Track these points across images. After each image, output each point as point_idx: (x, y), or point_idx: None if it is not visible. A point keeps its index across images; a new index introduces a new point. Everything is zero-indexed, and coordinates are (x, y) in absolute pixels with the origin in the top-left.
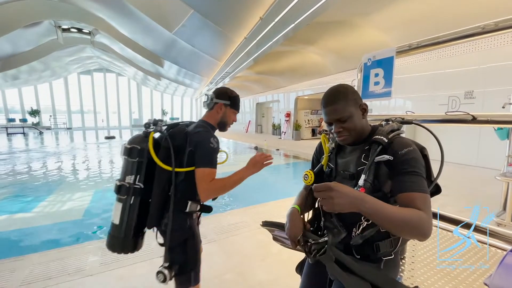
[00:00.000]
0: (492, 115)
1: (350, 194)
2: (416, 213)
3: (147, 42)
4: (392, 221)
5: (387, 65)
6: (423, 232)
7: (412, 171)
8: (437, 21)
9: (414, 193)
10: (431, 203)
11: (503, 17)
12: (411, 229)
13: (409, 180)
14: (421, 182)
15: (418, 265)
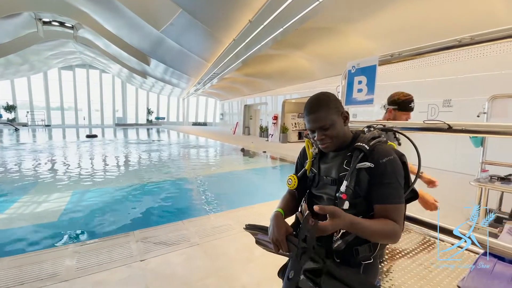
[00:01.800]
0: (467, 124)
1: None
2: (389, 225)
3: (133, 39)
4: (372, 235)
5: (370, 73)
6: (395, 240)
7: (389, 182)
8: (421, 31)
9: (389, 205)
10: (404, 210)
11: (479, 32)
12: (386, 238)
13: (386, 192)
14: (396, 193)
15: (396, 268)
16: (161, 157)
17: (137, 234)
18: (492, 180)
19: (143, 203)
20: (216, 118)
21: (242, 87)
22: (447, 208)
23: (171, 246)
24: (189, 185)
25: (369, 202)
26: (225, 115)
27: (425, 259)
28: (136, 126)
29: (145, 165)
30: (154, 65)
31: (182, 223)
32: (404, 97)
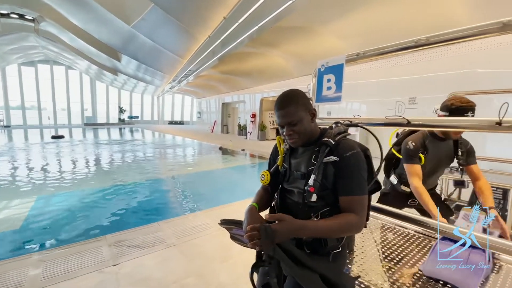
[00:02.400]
0: (424, 119)
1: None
2: (346, 219)
3: (102, 34)
4: (329, 233)
5: (337, 72)
6: (356, 231)
7: (352, 175)
8: (389, 32)
9: (352, 196)
10: (367, 201)
11: (433, 33)
12: (345, 232)
13: (349, 184)
14: (359, 185)
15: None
16: (135, 157)
17: (109, 238)
18: (452, 170)
19: (116, 206)
20: (193, 116)
21: (220, 85)
22: None
23: (146, 248)
24: (165, 185)
25: (336, 194)
26: (203, 113)
27: (391, 245)
28: (107, 125)
29: (117, 167)
30: (126, 61)
31: (157, 224)
32: (461, 103)
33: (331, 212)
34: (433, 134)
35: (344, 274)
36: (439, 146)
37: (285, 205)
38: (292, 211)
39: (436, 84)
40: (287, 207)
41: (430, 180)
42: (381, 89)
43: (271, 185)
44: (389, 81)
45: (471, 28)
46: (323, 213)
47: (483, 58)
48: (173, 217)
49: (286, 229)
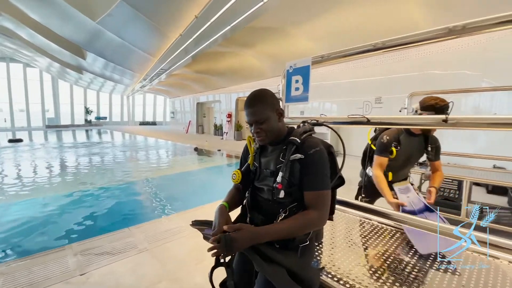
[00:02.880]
0: (382, 118)
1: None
2: (306, 217)
3: (65, 30)
4: (290, 234)
5: (304, 73)
6: (318, 226)
7: (316, 171)
8: (357, 34)
9: (315, 191)
10: (329, 196)
11: (389, 38)
12: (305, 229)
13: (312, 180)
14: (321, 181)
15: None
16: (104, 161)
17: (76, 246)
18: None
19: (83, 213)
20: (167, 116)
21: (194, 84)
22: None
23: (117, 255)
24: (137, 189)
25: (301, 189)
26: (177, 113)
27: (357, 236)
28: (72, 127)
29: (84, 171)
30: (92, 59)
31: (128, 229)
32: (443, 102)
33: (298, 207)
34: (407, 130)
35: (310, 267)
36: (412, 141)
37: (255, 203)
38: (262, 208)
39: (399, 85)
40: (257, 205)
41: (401, 172)
42: (350, 89)
43: (242, 183)
44: (357, 82)
45: (421, 33)
46: (291, 209)
47: (440, 60)
48: (145, 221)
49: (245, 237)
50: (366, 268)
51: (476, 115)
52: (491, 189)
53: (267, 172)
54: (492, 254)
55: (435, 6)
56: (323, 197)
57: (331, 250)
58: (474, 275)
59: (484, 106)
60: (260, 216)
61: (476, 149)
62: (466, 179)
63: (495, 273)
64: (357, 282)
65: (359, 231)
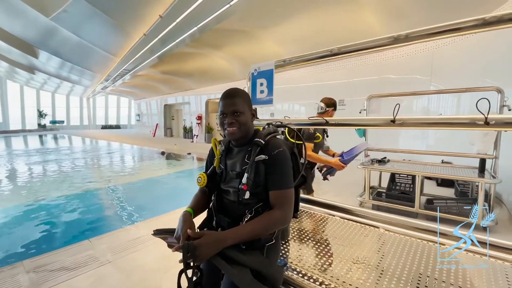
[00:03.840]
0: (339, 119)
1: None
2: (269, 218)
3: (14, 27)
4: (254, 235)
5: (268, 76)
6: (283, 225)
7: (279, 171)
8: (320, 39)
9: (278, 190)
10: (293, 194)
11: (347, 43)
12: (270, 229)
13: (276, 180)
14: (284, 180)
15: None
16: (60, 169)
17: (28, 263)
18: (373, 162)
19: (36, 227)
20: (132, 119)
21: (161, 86)
22: (343, 188)
23: (75, 270)
24: (98, 198)
25: (267, 189)
26: (142, 116)
27: (323, 232)
28: (23, 133)
29: (38, 181)
30: (46, 58)
31: (89, 241)
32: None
33: (264, 207)
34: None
35: (273, 265)
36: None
37: (221, 205)
38: (228, 210)
39: (359, 88)
40: (223, 207)
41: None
42: (316, 92)
43: (208, 186)
44: (323, 84)
45: (370, 41)
46: (256, 209)
47: (395, 65)
48: (107, 232)
49: (208, 243)
50: (330, 262)
51: (419, 116)
52: (440, 182)
53: (233, 174)
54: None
55: (388, 14)
56: (287, 196)
57: (298, 246)
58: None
59: (432, 107)
60: (226, 218)
61: (426, 146)
62: (418, 174)
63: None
64: (322, 276)
65: (324, 227)
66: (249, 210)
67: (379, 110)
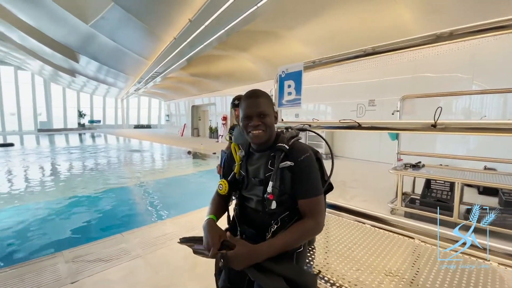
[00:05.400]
0: (374, 123)
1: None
2: (302, 228)
3: (57, 33)
4: (287, 247)
5: (297, 78)
6: (313, 236)
7: (307, 178)
8: (347, 38)
9: (309, 199)
10: (323, 201)
11: (380, 43)
12: (303, 240)
13: (305, 188)
14: (314, 187)
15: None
16: (97, 165)
17: (67, 254)
18: (406, 167)
19: (75, 218)
20: (162, 119)
21: (189, 87)
22: (371, 193)
23: (109, 262)
24: (131, 193)
25: (294, 198)
26: (172, 116)
27: (351, 239)
28: (65, 131)
29: (77, 176)
30: (85, 62)
31: (121, 235)
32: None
33: (290, 217)
34: None
35: (306, 272)
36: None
37: (244, 214)
38: (252, 220)
39: (392, 87)
40: (247, 216)
41: None
42: (344, 92)
43: (228, 192)
44: (350, 84)
45: (410, 39)
46: (282, 219)
47: (433, 63)
48: (138, 227)
49: (242, 256)
50: (360, 272)
51: (463, 120)
52: (482, 190)
53: (256, 181)
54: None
55: (424, 10)
56: (318, 204)
57: (326, 254)
58: (474, 275)
59: (474, 109)
60: (251, 229)
61: (467, 151)
62: (458, 181)
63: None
64: (353, 285)
65: (353, 235)
66: (275, 220)
67: (414, 112)
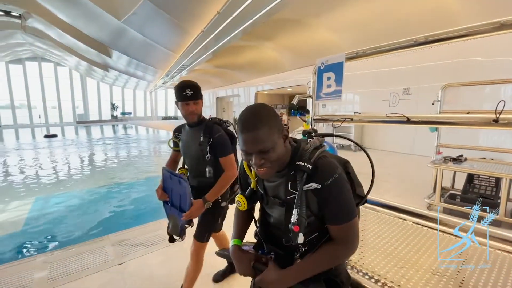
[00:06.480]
0: (422, 117)
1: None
2: (332, 253)
3: (91, 30)
4: (317, 272)
5: (337, 69)
6: (342, 261)
7: (337, 202)
8: (380, 25)
9: (341, 225)
10: (357, 224)
11: (432, 32)
12: (334, 264)
13: (336, 213)
14: (346, 212)
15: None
16: (130, 155)
17: (112, 237)
18: (446, 161)
19: (116, 205)
20: None
21: (213, 79)
22: (406, 188)
23: (150, 247)
24: None
25: (321, 218)
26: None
27: (389, 238)
28: (100, 123)
29: (114, 165)
30: (116, 57)
31: (159, 222)
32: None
33: (319, 238)
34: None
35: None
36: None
37: (268, 231)
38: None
39: (430, 74)
40: (271, 238)
41: None
42: (375, 79)
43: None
44: (382, 71)
45: (470, 27)
46: (310, 241)
47: (483, 45)
48: None
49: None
50: (406, 268)
51: None
52: None
53: (276, 201)
54: None
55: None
56: (351, 229)
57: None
58: None
59: None
60: (278, 250)
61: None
62: (506, 176)
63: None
64: (397, 282)
65: (389, 229)
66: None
67: (458, 101)
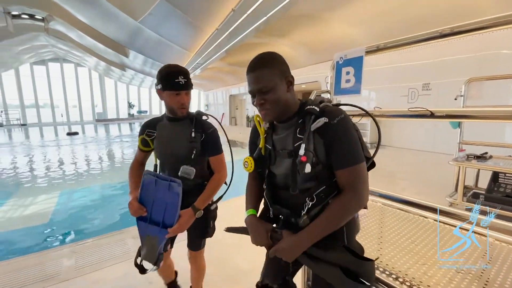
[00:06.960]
0: (447, 111)
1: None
2: (341, 205)
3: (109, 30)
4: (330, 230)
5: (357, 64)
6: (354, 212)
7: (344, 143)
8: (399, 18)
9: (345, 169)
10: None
11: (457, 23)
12: (346, 218)
13: (342, 155)
14: (352, 153)
15: (385, 244)
16: None
17: (131, 230)
18: (469, 158)
19: None
20: (201, 109)
21: (227, 77)
22: (424, 186)
23: None
24: None
25: (329, 169)
26: (210, 106)
27: (410, 235)
28: (117, 121)
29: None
30: (133, 56)
31: None
32: (169, 68)
33: (327, 192)
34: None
35: (362, 262)
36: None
37: (275, 194)
38: (283, 199)
39: (451, 69)
40: (277, 195)
41: None
42: (392, 75)
43: (258, 171)
44: (400, 66)
45: (499, 17)
46: (318, 195)
47: (501, 39)
48: None
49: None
50: (427, 265)
51: None
52: None
53: (284, 152)
54: None
55: None
56: (359, 172)
57: (379, 244)
58: None
59: None
60: (284, 209)
61: None
62: None
63: None
64: (420, 282)
65: (409, 226)
66: (310, 197)
67: (482, 96)
